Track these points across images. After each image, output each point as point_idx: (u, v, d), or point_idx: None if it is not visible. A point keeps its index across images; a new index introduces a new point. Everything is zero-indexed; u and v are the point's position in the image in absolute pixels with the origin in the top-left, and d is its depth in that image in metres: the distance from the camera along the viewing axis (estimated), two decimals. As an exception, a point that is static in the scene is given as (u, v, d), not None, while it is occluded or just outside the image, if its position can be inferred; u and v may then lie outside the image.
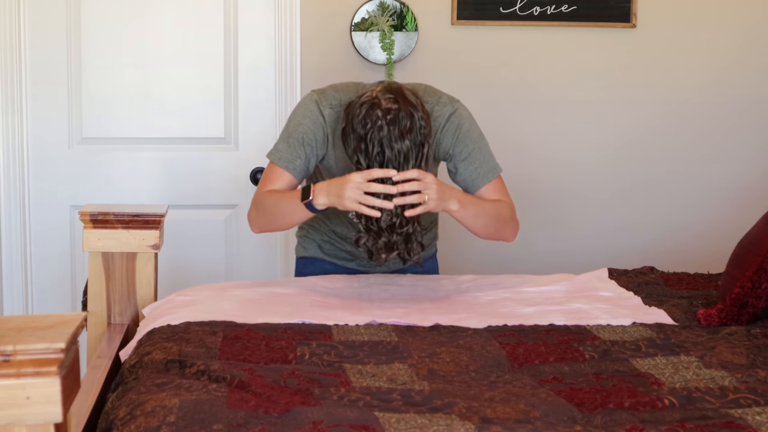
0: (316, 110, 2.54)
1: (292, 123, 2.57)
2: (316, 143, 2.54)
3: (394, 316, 2.34)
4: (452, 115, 2.56)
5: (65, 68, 3.55)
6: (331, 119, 2.53)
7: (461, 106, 2.60)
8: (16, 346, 1.39)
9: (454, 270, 3.21)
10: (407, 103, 2.33)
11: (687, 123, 3.78)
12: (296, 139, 2.54)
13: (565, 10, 3.65)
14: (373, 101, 2.33)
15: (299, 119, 2.56)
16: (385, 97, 2.33)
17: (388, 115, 2.30)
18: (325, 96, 2.56)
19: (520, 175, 3.72)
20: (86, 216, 2.62)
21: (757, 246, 2.37)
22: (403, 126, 2.31)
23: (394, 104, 2.32)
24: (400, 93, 2.35)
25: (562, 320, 2.33)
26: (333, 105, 2.53)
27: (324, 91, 2.58)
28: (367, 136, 2.31)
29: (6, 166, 3.54)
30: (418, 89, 2.56)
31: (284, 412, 1.67)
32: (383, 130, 2.30)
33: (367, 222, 2.35)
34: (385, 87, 2.37)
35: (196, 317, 2.28)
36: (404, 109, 2.32)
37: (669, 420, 1.67)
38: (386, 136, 2.30)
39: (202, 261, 3.65)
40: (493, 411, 1.70)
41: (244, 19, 3.60)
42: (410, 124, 2.31)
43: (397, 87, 2.37)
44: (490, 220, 2.52)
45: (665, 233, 3.81)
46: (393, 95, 2.34)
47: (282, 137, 2.58)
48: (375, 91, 2.36)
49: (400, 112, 2.31)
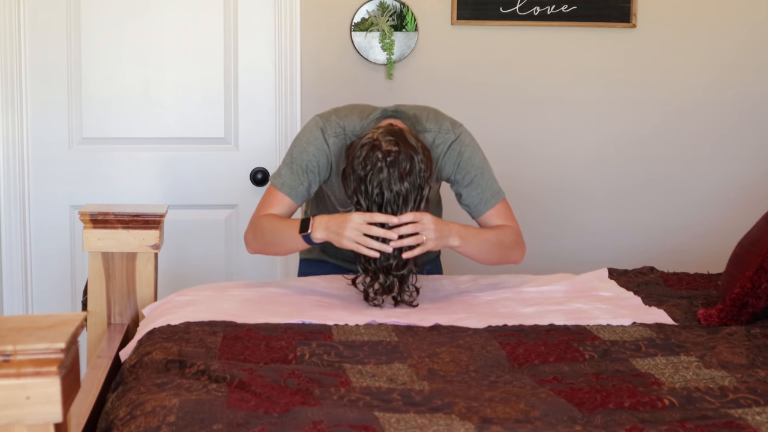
0: (321, 138, 2.56)
1: (297, 149, 2.58)
2: (320, 170, 2.56)
3: (394, 316, 2.34)
4: (454, 142, 2.57)
5: (65, 68, 3.55)
6: (336, 147, 2.55)
7: (464, 132, 2.61)
8: (16, 346, 1.39)
9: (454, 270, 3.21)
10: (407, 146, 2.34)
11: (687, 123, 3.78)
12: (300, 166, 2.55)
13: (565, 10, 3.65)
14: (374, 143, 2.34)
15: (304, 146, 2.57)
16: (385, 140, 2.34)
17: (388, 158, 2.31)
18: (329, 123, 2.57)
19: (519, 174, 3.72)
20: (86, 216, 2.62)
21: (757, 246, 2.37)
22: (402, 169, 2.31)
23: (394, 146, 2.33)
24: (401, 136, 2.36)
25: (562, 320, 2.33)
26: (337, 133, 2.56)
27: (328, 117, 2.59)
28: (367, 177, 2.33)
29: (6, 166, 3.54)
30: (421, 116, 2.57)
31: (284, 412, 1.67)
32: (383, 172, 2.31)
33: (365, 263, 2.37)
34: (386, 129, 2.38)
35: (196, 317, 2.28)
36: (404, 152, 2.32)
37: (669, 420, 1.67)
38: (386, 179, 2.31)
39: (202, 261, 3.65)
40: (493, 411, 1.70)
41: (244, 19, 3.60)
42: (410, 167, 2.32)
43: (398, 130, 2.38)
44: (493, 249, 2.53)
45: (665, 233, 3.81)
46: (394, 137, 2.34)
47: (286, 162, 2.59)
48: (376, 133, 2.36)
49: (400, 155, 2.32)
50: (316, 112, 3.59)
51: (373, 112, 2.59)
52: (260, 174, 3.63)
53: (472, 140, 2.62)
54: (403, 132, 2.38)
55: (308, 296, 2.51)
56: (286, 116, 3.61)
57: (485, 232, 2.54)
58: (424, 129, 2.56)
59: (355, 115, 2.58)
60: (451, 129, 2.59)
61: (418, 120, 2.57)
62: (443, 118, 2.62)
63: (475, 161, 2.59)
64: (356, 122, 2.57)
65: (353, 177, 2.35)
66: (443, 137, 2.57)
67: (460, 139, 2.58)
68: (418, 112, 2.60)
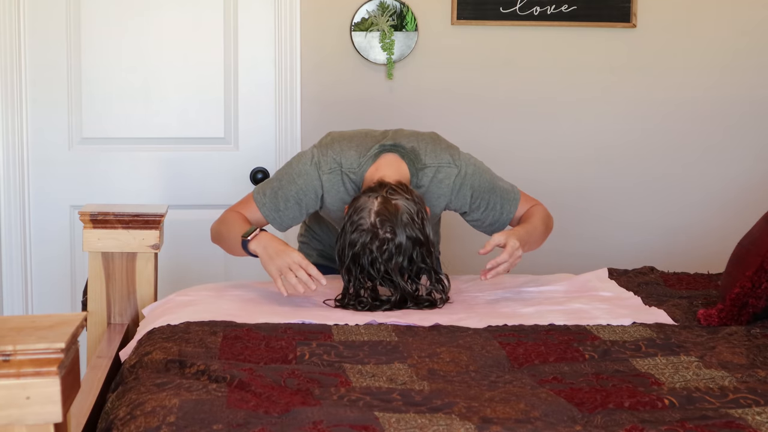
0: (315, 174, 2.55)
1: (287, 177, 2.57)
2: (306, 205, 2.57)
3: (394, 316, 2.34)
4: (457, 176, 2.57)
5: (65, 68, 3.55)
6: (330, 183, 2.55)
7: (463, 161, 2.59)
8: (16, 346, 1.39)
9: (454, 270, 3.21)
10: (402, 230, 2.33)
11: (687, 123, 3.78)
12: (284, 195, 2.56)
13: (565, 10, 3.65)
14: (372, 231, 2.33)
15: (294, 177, 2.56)
16: (383, 228, 2.33)
17: (385, 247, 2.33)
18: (325, 158, 2.55)
19: (519, 174, 3.71)
20: (86, 216, 2.62)
21: (757, 246, 2.37)
22: (395, 260, 2.34)
23: (390, 233, 2.33)
24: (395, 215, 2.33)
25: (562, 320, 2.33)
26: (332, 168, 2.55)
27: (325, 152, 2.57)
28: (360, 263, 2.35)
29: (6, 166, 3.54)
30: (420, 149, 2.55)
31: (284, 412, 1.67)
32: (382, 265, 2.34)
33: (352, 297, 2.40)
34: (382, 205, 2.34)
35: (196, 317, 2.28)
36: (401, 238, 2.33)
37: (669, 420, 1.67)
38: (386, 268, 2.34)
39: (202, 261, 3.65)
40: (493, 411, 1.70)
41: (244, 19, 3.60)
42: (404, 256, 2.34)
43: (393, 209, 2.35)
44: (541, 233, 2.61)
45: (665, 233, 3.81)
46: (390, 222, 2.33)
47: (275, 183, 2.58)
48: (372, 211, 2.34)
49: (399, 247, 2.33)
50: (315, 112, 3.62)
51: (372, 144, 2.57)
52: (260, 174, 3.63)
53: (473, 164, 2.61)
54: (398, 210, 2.34)
55: (308, 296, 2.51)
56: (286, 116, 3.61)
57: (527, 224, 2.59)
58: (424, 165, 2.55)
59: (353, 151, 2.56)
60: (451, 161, 2.58)
61: (417, 156, 2.55)
62: (441, 149, 2.59)
63: (483, 185, 2.60)
64: (353, 158, 2.55)
65: (348, 263, 2.36)
66: (445, 172, 2.56)
67: (461, 172, 2.58)
68: (416, 144, 2.58)
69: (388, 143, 2.56)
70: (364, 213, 2.36)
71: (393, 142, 2.57)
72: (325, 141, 2.62)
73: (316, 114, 3.63)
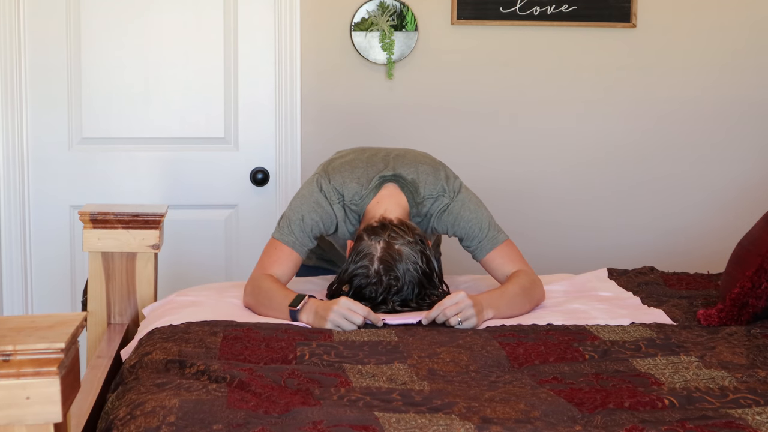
0: (328, 206, 2.53)
1: (306, 208, 2.54)
2: (326, 231, 2.57)
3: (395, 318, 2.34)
4: (447, 207, 2.55)
5: (65, 69, 3.55)
6: (341, 213, 2.54)
7: (456, 193, 2.57)
8: (16, 346, 1.39)
9: (454, 270, 3.21)
10: (405, 274, 2.33)
11: (687, 123, 3.78)
12: (307, 225, 2.52)
13: (565, 10, 3.65)
14: (376, 277, 2.33)
15: (311, 211, 2.53)
16: (387, 275, 2.33)
17: (392, 288, 2.33)
18: (329, 192, 2.53)
19: (519, 174, 3.72)
20: (86, 216, 2.62)
21: (757, 246, 2.37)
22: (400, 297, 2.35)
23: (393, 280, 2.33)
24: (398, 262, 2.33)
25: (561, 320, 2.33)
26: (337, 200, 2.53)
27: (327, 186, 2.54)
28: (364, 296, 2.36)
29: (6, 166, 3.54)
30: (419, 182, 2.54)
31: (284, 412, 1.67)
32: (386, 303, 2.35)
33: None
34: (385, 251, 2.34)
35: (196, 317, 2.28)
36: (403, 282, 2.33)
37: (669, 420, 1.67)
38: (393, 303, 2.35)
39: (202, 261, 3.65)
40: (493, 411, 1.70)
41: (244, 19, 3.60)
42: (409, 292, 2.35)
43: (396, 257, 2.33)
44: (521, 300, 2.46)
45: (665, 233, 3.81)
46: (393, 271, 2.32)
47: (294, 220, 2.53)
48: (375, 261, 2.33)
49: (404, 286, 2.34)
50: (315, 112, 3.62)
51: (373, 175, 2.55)
52: (260, 174, 3.63)
53: (466, 196, 2.58)
54: (402, 256, 2.33)
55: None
56: (286, 116, 3.61)
57: (506, 288, 2.47)
58: (422, 199, 2.54)
59: (354, 183, 2.54)
60: (446, 191, 2.56)
61: (416, 189, 2.54)
62: (437, 179, 2.57)
63: (465, 215, 2.55)
64: (354, 189, 2.54)
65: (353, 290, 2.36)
66: (438, 205, 2.55)
67: (449, 208, 2.55)
68: (416, 175, 2.56)
69: (389, 174, 2.55)
70: (366, 260, 2.34)
71: (393, 172, 2.55)
72: (329, 169, 2.59)
73: (316, 114, 3.63)
